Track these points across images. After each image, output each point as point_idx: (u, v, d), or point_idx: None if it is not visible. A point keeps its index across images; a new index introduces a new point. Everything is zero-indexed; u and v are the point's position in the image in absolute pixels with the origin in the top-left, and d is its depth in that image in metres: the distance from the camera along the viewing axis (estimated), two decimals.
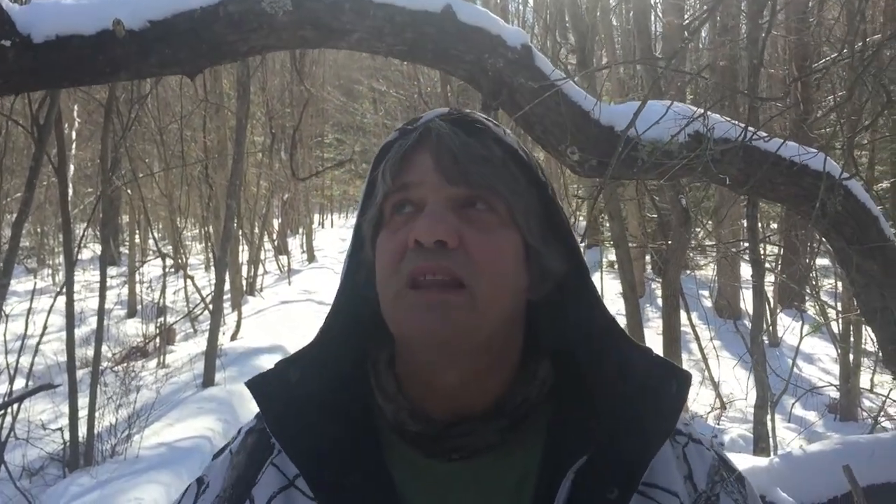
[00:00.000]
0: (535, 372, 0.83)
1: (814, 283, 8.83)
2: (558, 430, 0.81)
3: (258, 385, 0.83)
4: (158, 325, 10.62)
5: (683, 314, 8.81)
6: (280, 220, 22.30)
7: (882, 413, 7.30)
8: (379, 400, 0.81)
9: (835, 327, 8.82)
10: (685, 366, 9.04)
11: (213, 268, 16.27)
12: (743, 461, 4.57)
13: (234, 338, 11.08)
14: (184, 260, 13.02)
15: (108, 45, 2.60)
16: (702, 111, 2.87)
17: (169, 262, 12.96)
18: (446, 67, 3.17)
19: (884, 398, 7.58)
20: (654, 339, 7.91)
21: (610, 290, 14.16)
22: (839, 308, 8.83)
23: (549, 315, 0.87)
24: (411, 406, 0.80)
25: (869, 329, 8.94)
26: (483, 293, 0.74)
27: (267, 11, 2.73)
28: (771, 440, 5.64)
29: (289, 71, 17.27)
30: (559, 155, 3.35)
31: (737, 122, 3.02)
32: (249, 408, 8.05)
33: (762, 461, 4.51)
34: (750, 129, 2.82)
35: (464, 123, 0.81)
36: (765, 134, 3.17)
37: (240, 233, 13.91)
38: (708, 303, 13.51)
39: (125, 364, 8.81)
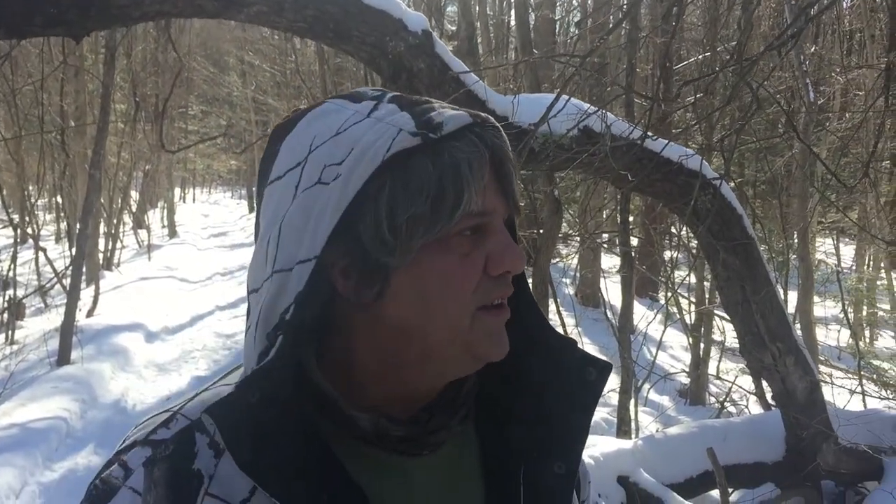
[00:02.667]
0: None
1: (670, 275, 9.31)
2: (492, 415, 0.86)
3: (219, 416, 0.72)
4: (7, 298, 9.95)
5: (551, 301, 9.10)
6: (140, 193, 21.35)
7: (727, 398, 7.82)
8: (350, 411, 0.77)
9: (687, 318, 9.36)
10: None
11: (64, 240, 15.44)
12: (608, 444, 4.79)
13: (90, 314, 10.55)
14: (35, 231, 12.24)
15: None
16: (597, 108, 2.97)
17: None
18: (347, 48, 3.15)
19: (730, 384, 8.12)
20: None
21: None
22: (692, 300, 9.36)
23: None
24: (381, 412, 0.79)
25: (717, 320, 9.55)
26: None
27: None
28: (633, 423, 5.94)
29: (154, 38, 16.52)
30: None
31: (632, 123, 3.15)
32: (108, 387, 7.71)
33: (626, 443, 4.75)
34: (639, 128, 2.95)
35: (490, 132, 0.78)
36: (651, 134, 3.33)
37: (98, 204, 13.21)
38: (567, 291, 13.99)
39: None
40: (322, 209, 0.73)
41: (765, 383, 5.68)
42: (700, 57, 9.07)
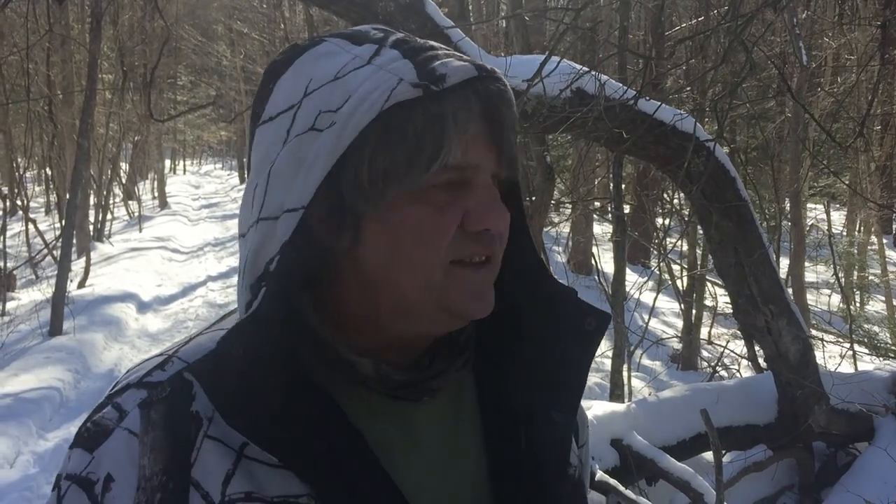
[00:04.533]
0: None
1: (662, 241, 9.33)
2: (491, 362, 0.86)
3: (204, 372, 0.70)
4: None
5: None
6: (129, 164, 21.19)
7: (719, 363, 7.88)
8: (350, 356, 0.76)
9: (679, 284, 9.39)
10: None
11: (54, 211, 15.35)
12: (602, 407, 4.81)
13: (82, 285, 10.51)
14: (25, 202, 12.16)
15: None
16: (587, 69, 2.94)
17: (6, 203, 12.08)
18: (335, 9, 3.10)
19: (721, 349, 8.19)
20: None
21: None
22: (685, 266, 9.38)
23: None
24: (380, 357, 0.78)
25: (709, 285, 9.59)
26: (498, 260, 0.78)
27: None
28: (626, 388, 5.97)
29: (140, 6, 16.31)
30: None
31: (624, 86, 3.12)
32: (101, 357, 7.71)
33: (619, 407, 4.77)
34: (632, 90, 2.92)
35: (496, 86, 0.74)
36: (646, 97, 3.30)
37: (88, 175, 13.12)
38: (560, 258, 14.00)
39: None
40: (315, 157, 0.71)
41: (757, 347, 5.71)
42: (693, 20, 9.01)
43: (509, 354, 0.85)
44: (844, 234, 13.45)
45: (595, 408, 4.79)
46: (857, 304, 11.21)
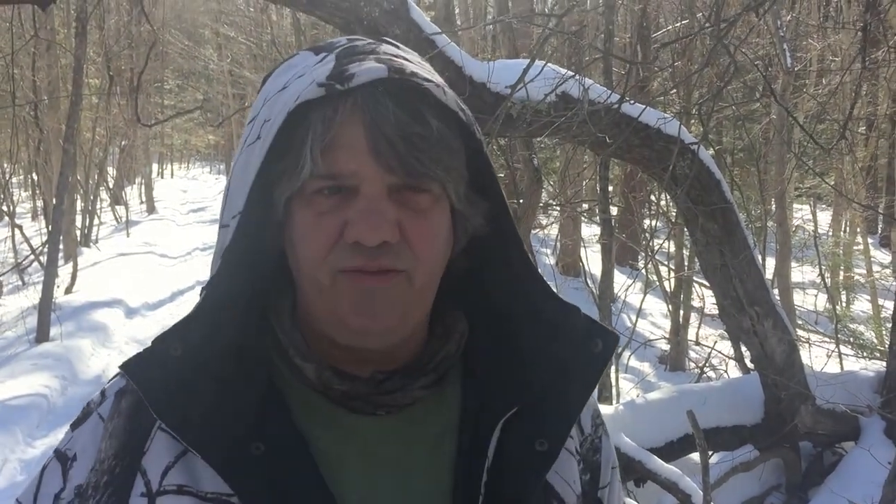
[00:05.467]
0: (454, 327, 0.83)
1: (650, 242, 9.36)
2: (477, 384, 0.82)
3: (135, 368, 0.72)
4: None
5: None
6: (117, 169, 21.11)
7: (707, 364, 7.91)
8: (296, 360, 0.77)
9: (666, 285, 9.43)
10: None
11: (40, 216, 15.26)
12: None
13: (69, 291, 10.46)
14: (10, 208, 12.10)
15: None
16: (572, 74, 2.96)
17: None
18: (321, 14, 3.11)
19: (709, 350, 8.22)
20: None
21: None
22: (672, 267, 9.42)
23: (469, 269, 0.85)
24: (332, 364, 0.77)
25: (696, 286, 9.64)
26: (420, 275, 0.74)
27: None
28: (614, 389, 5.99)
29: (127, 11, 16.25)
30: None
31: (609, 89, 3.14)
32: (89, 364, 7.67)
33: (608, 409, 4.79)
34: (617, 93, 2.94)
35: (404, 89, 0.71)
36: (631, 100, 3.32)
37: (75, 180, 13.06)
38: (548, 260, 14.03)
39: None
40: (253, 164, 0.73)
41: (743, 348, 5.74)
42: (678, 25, 9.06)
43: (500, 374, 0.82)
44: (830, 234, 13.53)
45: None
46: (843, 304, 11.28)
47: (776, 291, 7.72)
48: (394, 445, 0.78)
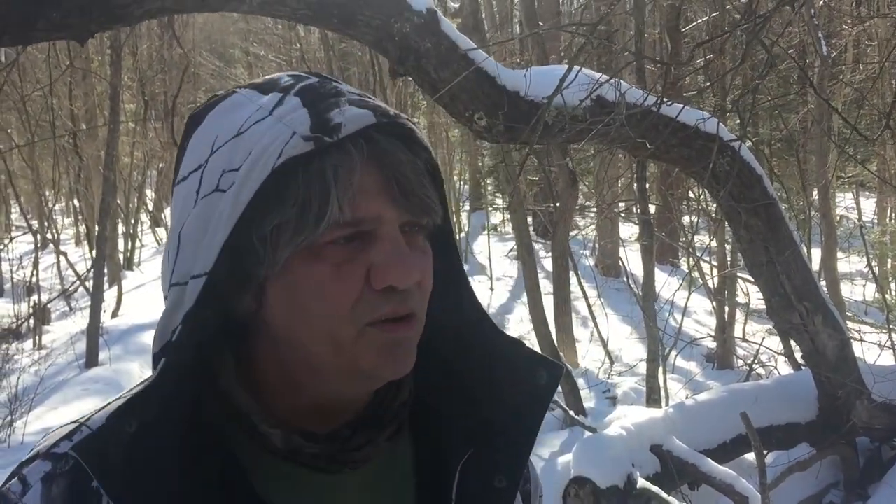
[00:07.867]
0: None
1: (691, 240, 9.25)
2: (429, 427, 0.81)
3: (91, 450, 0.68)
4: (31, 304, 10.05)
5: (571, 273, 9.08)
6: (155, 191, 21.44)
7: (755, 360, 7.78)
8: (261, 427, 0.73)
9: (709, 282, 9.30)
10: (575, 324, 9.34)
11: (84, 242, 15.56)
12: (639, 413, 4.77)
13: (115, 315, 10.64)
14: (55, 235, 12.35)
15: None
16: (609, 77, 2.93)
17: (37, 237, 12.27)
18: (352, 33, 3.12)
19: (757, 346, 8.08)
20: (546, 300, 8.12)
21: (496, 253, 14.41)
22: (714, 264, 9.29)
23: None
24: (296, 425, 0.75)
25: (741, 282, 9.50)
26: (423, 315, 0.73)
27: None
28: (662, 391, 5.92)
29: (158, 35, 16.51)
30: (466, 121, 3.36)
31: (644, 90, 3.10)
32: None
33: (657, 412, 4.73)
34: (653, 94, 2.91)
35: (398, 132, 0.71)
36: (667, 100, 3.28)
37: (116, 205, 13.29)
38: (587, 262, 13.95)
39: None
40: (218, 220, 0.69)
41: (793, 343, 5.64)
42: (709, 17, 8.95)
43: (448, 415, 0.81)
44: (875, 222, 13.25)
45: (633, 414, 4.76)
46: (893, 294, 11.03)
47: (823, 284, 7.58)
48: (362, 502, 0.76)
